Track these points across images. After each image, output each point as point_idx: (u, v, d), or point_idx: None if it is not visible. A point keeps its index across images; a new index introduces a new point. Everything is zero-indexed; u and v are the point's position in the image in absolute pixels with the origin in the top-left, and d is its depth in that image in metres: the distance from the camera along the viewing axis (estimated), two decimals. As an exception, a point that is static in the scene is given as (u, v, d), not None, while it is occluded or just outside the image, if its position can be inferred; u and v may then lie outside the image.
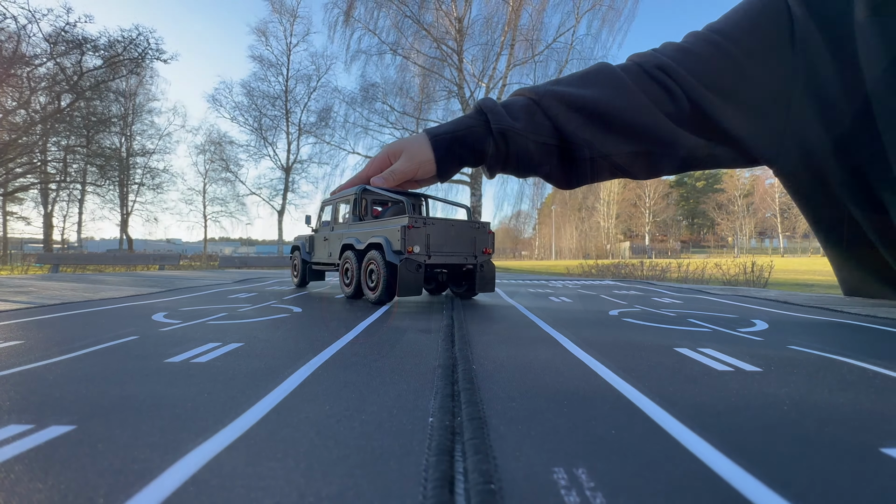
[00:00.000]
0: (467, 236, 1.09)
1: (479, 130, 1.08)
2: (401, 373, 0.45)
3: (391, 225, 1.03)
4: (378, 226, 1.10)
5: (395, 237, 1.00)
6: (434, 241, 1.02)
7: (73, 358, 0.51)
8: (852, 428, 0.31)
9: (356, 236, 1.17)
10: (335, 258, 1.29)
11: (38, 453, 0.26)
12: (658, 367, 0.48)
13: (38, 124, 9.06)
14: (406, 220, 0.99)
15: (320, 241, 1.44)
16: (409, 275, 0.97)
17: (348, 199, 1.26)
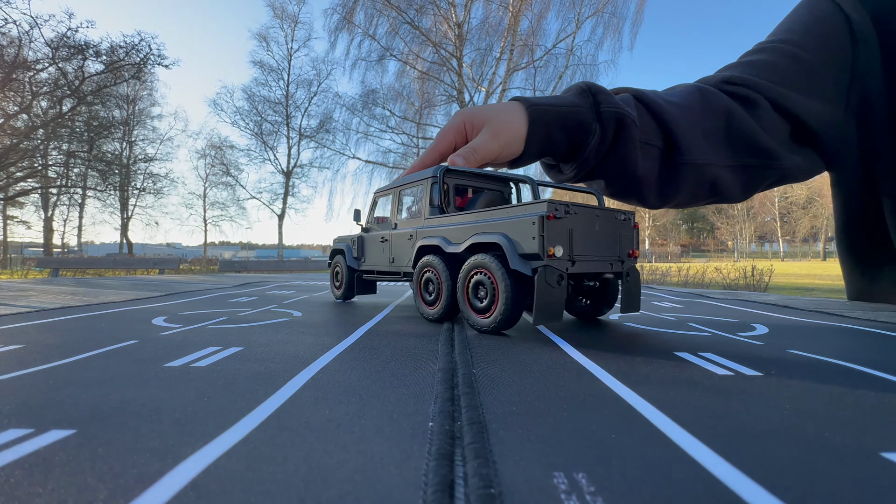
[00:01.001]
0: (612, 232, 0.78)
1: (585, 112, 0.90)
2: (401, 377, 0.45)
3: (516, 216, 0.72)
4: (486, 218, 0.78)
5: (524, 234, 0.69)
6: (577, 240, 0.71)
7: (73, 362, 0.51)
8: (852, 432, 0.31)
9: (443, 234, 0.86)
10: (402, 264, 0.99)
11: (37, 458, 0.26)
12: (658, 371, 0.48)
13: (39, 129, 9.10)
14: (545, 207, 0.67)
15: (375, 243, 1.12)
16: (552, 291, 0.67)
17: (419, 186, 0.96)
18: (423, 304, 0.89)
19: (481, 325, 0.73)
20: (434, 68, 10.94)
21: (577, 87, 0.94)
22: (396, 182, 1.05)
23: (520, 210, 0.72)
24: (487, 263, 0.73)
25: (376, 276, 1.14)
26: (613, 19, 10.43)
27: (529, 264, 0.68)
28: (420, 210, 0.96)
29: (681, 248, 37.18)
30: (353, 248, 1.21)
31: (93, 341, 0.63)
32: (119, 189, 13.31)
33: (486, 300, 0.73)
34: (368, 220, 1.18)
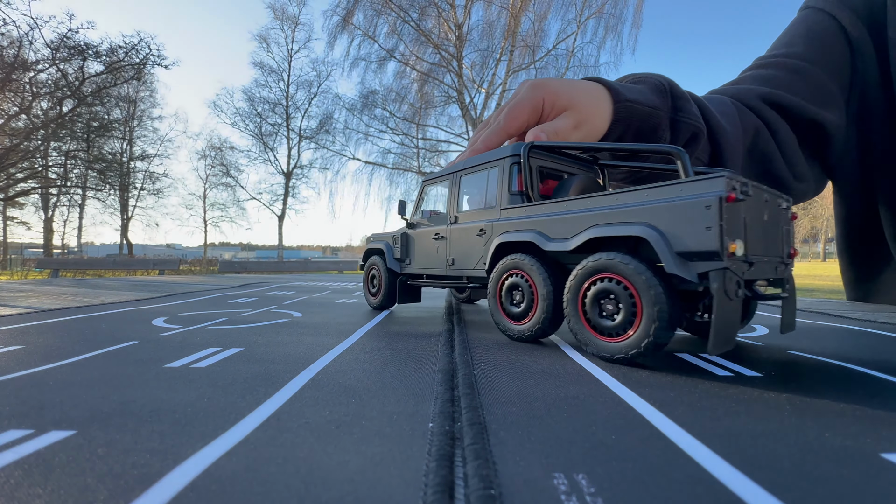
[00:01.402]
0: (777, 224, 0.59)
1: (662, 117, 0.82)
2: (401, 378, 0.45)
3: (673, 198, 0.52)
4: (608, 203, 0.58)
5: (687, 224, 0.50)
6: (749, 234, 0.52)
7: (74, 363, 0.51)
8: (853, 433, 0.31)
9: (536, 227, 0.67)
10: (467, 266, 0.81)
11: (38, 458, 0.26)
12: (657, 372, 0.48)
13: (39, 129, 9.11)
14: (723, 185, 0.48)
15: (426, 241, 0.93)
16: (731, 306, 0.48)
17: (490, 169, 0.79)
18: (506, 317, 0.70)
19: (610, 352, 0.53)
20: (434, 69, 10.95)
21: (655, 82, 0.85)
22: (454, 166, 0.87)
23: (675, 190, 0.52)
24: (624, 268, 0.53)
25: (425, 280, 0.94)
26: (612, 20, 10.44)
27: (695, 266, 0.49)
28: (496, 198, 0.77)
29: (681, 249, 37.14)
30: (395, 247, 1.02)
31: (93, 342, 0.63)
32: (119, 190, 13.32)
33: (617, 317, 0.53)
34: (413, 215, 0.99)
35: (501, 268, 0.71)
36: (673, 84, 0.84)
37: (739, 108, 0.99)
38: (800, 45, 1.11)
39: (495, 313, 0.72)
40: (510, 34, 10.39)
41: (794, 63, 1.09)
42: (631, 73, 0.90)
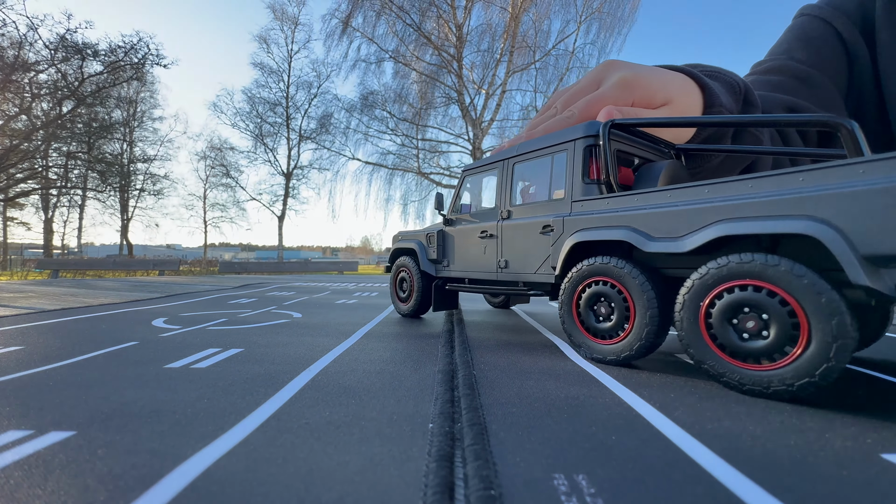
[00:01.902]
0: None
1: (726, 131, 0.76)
2: (401, 378, 0.45)
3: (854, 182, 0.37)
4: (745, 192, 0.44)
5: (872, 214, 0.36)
6: None
7: (73, 364, 0.51)
8: (852, 432, 0.31)
9: (630, 223, 0.53)
10: (527, 270, 0.68)
11: (37, 459, 0.26)
12: (658, 372, 0.48)
13: (39, 130, 9.12)
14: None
15: (469, 240, 0.80)
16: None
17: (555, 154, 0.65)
18: (588, 335, 0.56)
19: (759, 382, 0.39)
20: (434, 71, 10.96)
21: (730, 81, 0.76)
22: (505, 152, 0.74)
23: (855, 171, 0.37)
24: (775, 273, 0.39)
25: (468, 285, 0.82)
26: (610, 19, 10.45)
27: (890, 275, 0.36)
28: (566, 188, 0.63)
29: (681, 250, 37.16)
30: (430, 247, 0.90)
31: (93, 343, 0.63)
32: (119, 190, 13.33)
33: (767, 338, 0.40)
34: (451, 210, 0.86)
35: (579, 274, 0.57)
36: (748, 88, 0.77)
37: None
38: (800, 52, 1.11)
39: (572, 331, 0.57)
40: (510, 35, 10.39)
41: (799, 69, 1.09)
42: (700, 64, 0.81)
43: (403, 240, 0.99)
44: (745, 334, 0.41)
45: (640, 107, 0.64)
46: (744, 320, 0.42)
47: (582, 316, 0.57)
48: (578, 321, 0.57)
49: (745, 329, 0.41)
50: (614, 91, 0.64)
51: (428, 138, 11.70)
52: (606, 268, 0.54)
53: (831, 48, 1.11)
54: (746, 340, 0.41)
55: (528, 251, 0.68)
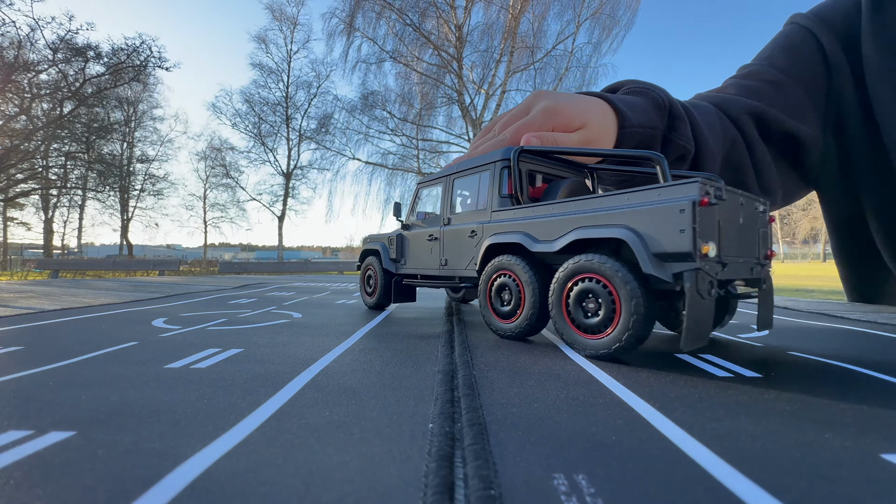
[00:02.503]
0: (754, 227, 0.62)
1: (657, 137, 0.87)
2: (401, 378, 0.45)
3: (650, 202, 0.54)
4: (590, 207, 0.61)
5: (663, 227, 0.52)
6: (724, 236, 0.55)
7: (73, 364, 0.51)
8: (852, 434, 0.31)
9: (524, 229, 0.70)
10: (459, 267, 0.84)
11: (37, 459, 0.26)
12: (657, 373, 0.48)
13: (39, 130, 9.11)
14: (696, 190, 0.51)
15: (420, 242, 0.96)
16: (703, 305, 0.50)
17: (482, 173, 0.81)
18: (496, 316, 0.73)
19: (592, 348, 0.56)
20: (435, 71, 10.96)
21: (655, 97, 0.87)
22: (448, 169, 0.89)
23: (654, 194, 0.54)
24: (601, 267, 0.56)
25: (420, 281, 0.97)
26: (609, 20, 10.45)
27: (670, 267, 0.51)
28: (486, 201, 0.79)
29: (681, 250, 37.15)
30: (391, 248, 1.05)
31: (93, 343, 0.63)
32: (119, 191, 13.33)
33: (600, 315, 0.56)
34: (410, 216, 1.02)
35: (490, 269, 0.74)
36: (673, 103, 0.87)
37: (722, 119, 1.04)
38: (780, 59, 1.19)
39: (485, 312, 0.75)
40: (510, 35, 10.39)
41: (775, 75, 1.16)
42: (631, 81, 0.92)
43: (370, 242, 1.13)
44: (588, 313, 0.58)
45: (560, 130, 0.76)
46: (587, 303, 0.58)
47: (493, 302, 0.74)
48: (491, 307, 0.74)
49: (587, 309, 0.58)
50: (539, 118, 0.78)
51: (428, 138, 11.70)
52: (508, 263, 0.71)
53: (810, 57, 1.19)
54: (588, 318, 0.58)
55: (461, 251, 0.84)
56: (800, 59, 1.18)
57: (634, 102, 0.85)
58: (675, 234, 0.51)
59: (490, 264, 0.74)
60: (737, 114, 1.07)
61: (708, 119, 0.97)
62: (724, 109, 1.08)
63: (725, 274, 0.54)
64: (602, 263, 0.56)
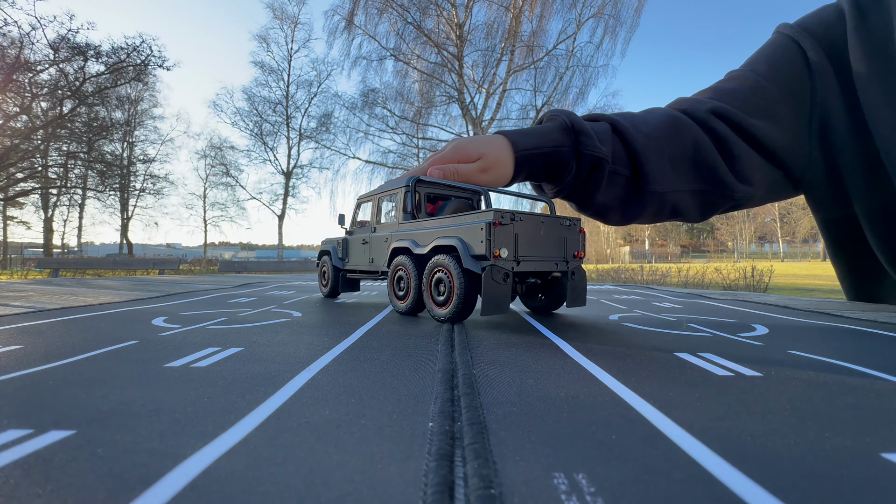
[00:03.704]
0: (557, 236, 0.88)
1: (566, 152, 0.98)
2: (401, 377, 0.45)
3: (468, 222, 0.82)
4: (445, 224, 0.89)
5: (475, 238, 0.79)
6: (522, 243, 0.81)
7: (73, 363, 0.51)
8: (853, 433, 0.31)
9: (412, 237, 0.97)
10: (379, 264, 1.10)
11: (37, 458, 0.26)
12: (658, 371, 0.48)
13: (39, 130, 9.10)
14: (491, 216, 0.78)
15: (357, 245, 1.23)
16: (496, 287, 0.76)
17: (394, 194, 1.07)
18: (396, 298, 1.00)
19: (440, 316, 0.84)
20: (435, 69, 10.94)
21: (561, 121, 1.01)
22: (377, 189, 1.16)
23: (472, 217, 0.83)
24: (446, 263, 0.83)
25: (359, 275, 1.25)
26: (612, 21, 10.43)
27: (479, 264, 0.78)
28: (396, 215, 1.07)
29: (681, 249, 37.19)
30: (339, 249, 1.32)
31: (92, 342, 0.63)
32: (119, 190, 13.32)
33: (444, 294, 0.84)
34: (352, 224, 1.29)
35: (393, 265, 1.01)
36: (576, 122, 0.99)
37: (679, 122, 1.11)
38: (762, 65, 1.25)
39: (390, 296, 1.02)
40: (511, 34, 10.38)
41: (754, 79, 1.22)
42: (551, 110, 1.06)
43: (325, 244, 1.41)
44: (440, 294, 0.86)
45: (462, 161, 0.96)
46: (440, 286, 0.85)
47: (395, 289, 1.00)
48: (393, 292, 1.00)
49: (439, 291, 0.86)
50: (448, 153, 0.98)
51: (428, 137, 11.70)
52: (402, 262, 0.97)
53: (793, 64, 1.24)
54: (440, 296, 0.85)
55: (381, 252, 1.10)
56: (782, 65, 1.24)
57: (536, 130, 1.00)
58: (480, 242, 0.78)
59: (393, 261, 1.01)
60: (701, 116, 1.14)
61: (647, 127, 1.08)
62: (690, 113, 1.15)
63: (522, 267, 0.82)
64: (449, 261, 0.83)
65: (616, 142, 1.05)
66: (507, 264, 0.79)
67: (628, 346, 0.63)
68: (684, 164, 1.10)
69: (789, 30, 1.28)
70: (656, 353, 0.58)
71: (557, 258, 0.88)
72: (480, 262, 0.79)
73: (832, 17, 1.23)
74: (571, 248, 0.91)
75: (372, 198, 1.18)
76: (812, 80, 1.21)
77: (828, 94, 1.20)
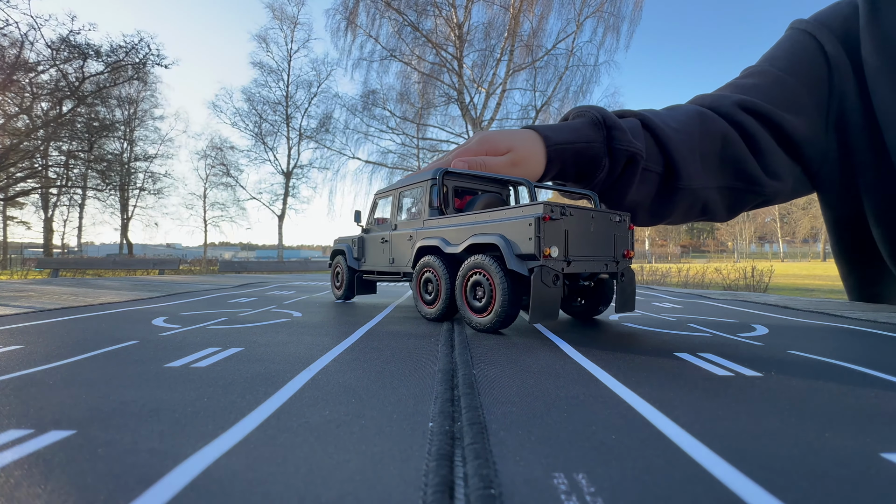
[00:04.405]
0: (607, 233, 0.80)
1: (598, 147, 0.95)
2: (401, 377, 0.45)
3: (513, 217, 0.74)
4: (483, 220, 0.80)
5: (521, 235, 0.71)
6: (573, 241, 0.73)
7: (73, 363, 0.51)
8: (852, 432, 0.31)
9: (442, 235, 0.88)
10: (402, 265, 1.01)
11: (38, 458, 0.26)
12: (658, 371, 0.48)
13: (39, 129, 9.11)
14: (540, 209, 0.70)
15: (375, 244, 1.14)
16: (546, 291, 0.68)
17: (418, 188, 0.98)
18: (423, 303, 0.91)
19: (479, 325, 0.75)
20: (435, 69, 10.94)
21: (592, 116, 0.97)
22: (397, 184, 1.07)
23: (517, 212, 0.74)
24: (485, 264, 0.75)
25: (376, 276, 1.16)
26: (612, 18, 10.42)
27: (526, 264, 0.70)
28: (420, 211, 0.98)
29: (681, 249, 37.19)
30: (354, 248, 1.23)
31: (93, 342, 0.63)
32: (119, 189, 13.32)
33: (483, 300, 0.75)
34: (369, 222, 1.20)
35: (419, 266, 0.92)
36: (607, 116, 0.97)
37: (706, 118, 1.09)
38: (782, 60, 1.25)
39: (416, 300, 0.93)
40: (510, 34, 10.37)
41: (775, 73, 1.21)
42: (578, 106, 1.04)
43: (339, 243, 1.32)
44: (477, 299, 0.77)
45: (491, 154, 0.92)
46: (477, 290, 0.77)
47: (421, 292, 0.92)
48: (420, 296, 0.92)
49: (476, 296, 0.77)
50: (474, 145, 0.95)
51: (428, 137, 11.69)
52: (430, 262, 0.88)
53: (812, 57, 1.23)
54: (477, 301, 0.77)
55: (404, 252, 1.01)
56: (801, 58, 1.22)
57: (566, 125, 0.97)
58: (527, 240, 0.70)
59: (419, 262, 0.92)
60: (727, 109, 1.12)
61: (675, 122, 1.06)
62: (715, 108, 1.13)
63: (573, 269, 0.73)
64: (488, 262, 0.74)
65: (648, 138, 1.02)
66: (557, 265, 0.70)
67: (628, 346, 0.63)
68: (714, 160, 1.07)
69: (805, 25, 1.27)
70: (656, 353, 0.58)
71: (607, 258, 0.79)
72: (527, 262, 0.70)
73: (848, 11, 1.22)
74: (621, 246, 0.82)
75: (392, 192, 1.09)
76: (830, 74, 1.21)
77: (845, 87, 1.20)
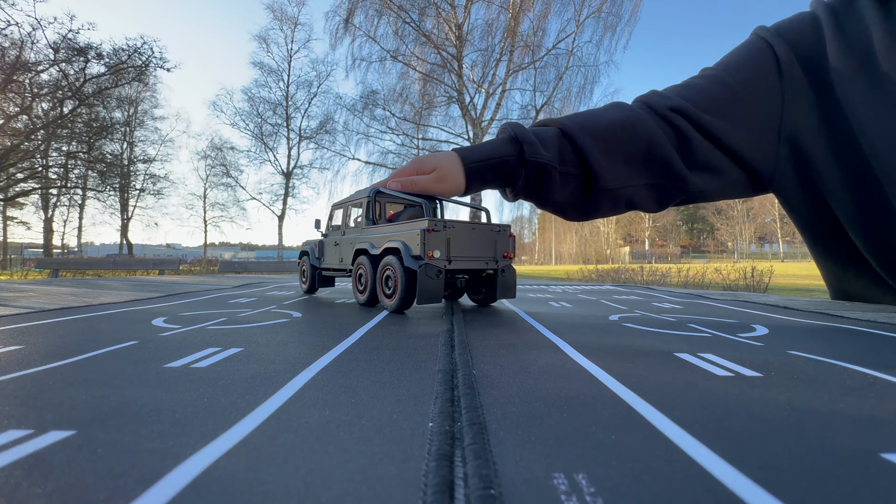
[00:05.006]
0: (488, 240, 1.05)
1: (512, 161, 1.10)
2: (401, 377, 0.45)
3: (409, 229, 0.98)
4: (394, 230, 1.05)
5: (413, 241, 0.95)
6: (454, 246, 0.97)
7: (73, 363, 0.51)
8: (853, 433, 0.31)
9: (370, 241, 1.13)
10: (347, 263, 1.25)
11: (37, 458, 0.26)
12: (658, 372, 0.48)
13: (39, 130, 9.10)
14: (426, 224, 0.93)
15: (330, 246, 1.39)
16: (429, 281, 0.92)
17: (361, 202, 1.24)
18: (357, 292, 1.18)
19: (388, 307, 1.01)
20: (435, 70, 10.93)
21: (508, 134, 1.13)
22: (348, 198, 1.33)
23: (413, 225, 0.98)
24: (392, 262, 0.99)
25: (333, 272, 1.43)
26: (611, 18, 10.42)
27: (417, 262, 0.93)
28: (360, 221, 1.23)
29: (681, 249, 37.16)
30: (315, 249, 1.49)
31: (92, 342, 0.63)
32: (119, 190, 13.31)
33: (391, 289, 1.00)
34: (327, 228, 1.46)
35: (356, 264, 1.18)
36: (519, 132, 1.11)
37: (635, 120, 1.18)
38: (733, 65, 1.29)
39: (353, 290, 1.19)
40: (510, 34, 10.37)
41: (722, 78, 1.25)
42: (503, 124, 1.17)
43: (305, 245, 1.57)
44: (388, 288, 1.01)
45: (421, 173, 1.11)
46: (388, 282, 1.01)
47: (357, 284, 1.17)
48: (356, 287, 1.17)
49: (388, 286, 1.01)
50: (408, 166, 1.14)
51: (428, 137, 11.70)
52: (362, 261, 1.13)
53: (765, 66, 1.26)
54: (388, 290, 1.02)
55: (348, 253, 1.25)
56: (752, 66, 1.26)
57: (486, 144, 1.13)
58: (416, 245, 0.94)
59: (356, 261, 1.18)
60: (662, 111, 1.20)
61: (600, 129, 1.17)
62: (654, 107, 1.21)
63: (454, 266, 0.98)
64: (394, 261, 0.98)
65: (566, 145, 1.16)
66: (439, 263, 0.95)
67: (628, 346, 0.63)
68: (638, 160, 1.18)
69: (765, 32, 1.31)
70: (656, 353, 0.58)
71: (488, 258, 1.05)
72: (417, 261, 0.93)
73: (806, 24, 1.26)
74: (501, 249, 1.08)
75: (344, 205, 1.35)
76: (782, 84, 1.24)
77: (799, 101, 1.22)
